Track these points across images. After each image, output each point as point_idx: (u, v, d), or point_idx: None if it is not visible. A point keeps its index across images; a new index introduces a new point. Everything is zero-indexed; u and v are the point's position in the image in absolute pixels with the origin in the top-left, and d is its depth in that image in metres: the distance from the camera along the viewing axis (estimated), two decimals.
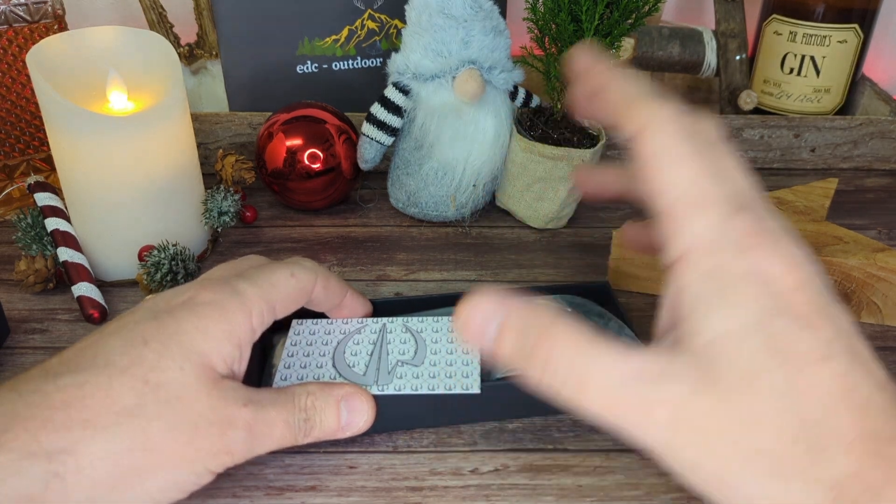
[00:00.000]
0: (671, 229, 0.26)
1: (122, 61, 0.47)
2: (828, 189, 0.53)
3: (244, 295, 0.33)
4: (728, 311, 0.25)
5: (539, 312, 0.26)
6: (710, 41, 0.68)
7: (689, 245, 0.26)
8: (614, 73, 0.29)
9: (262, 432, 0.31)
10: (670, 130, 0.27)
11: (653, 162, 0.27)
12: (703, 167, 0.26)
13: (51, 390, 0.29)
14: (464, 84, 0.50)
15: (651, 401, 0.24)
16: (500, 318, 0.26)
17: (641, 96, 0.28)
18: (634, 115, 0.27)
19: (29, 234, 0.48)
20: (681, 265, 0.26)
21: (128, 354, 0.30)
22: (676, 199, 0.26)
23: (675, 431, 0.24)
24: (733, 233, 0.25)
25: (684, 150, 0.26)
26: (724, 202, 0.25)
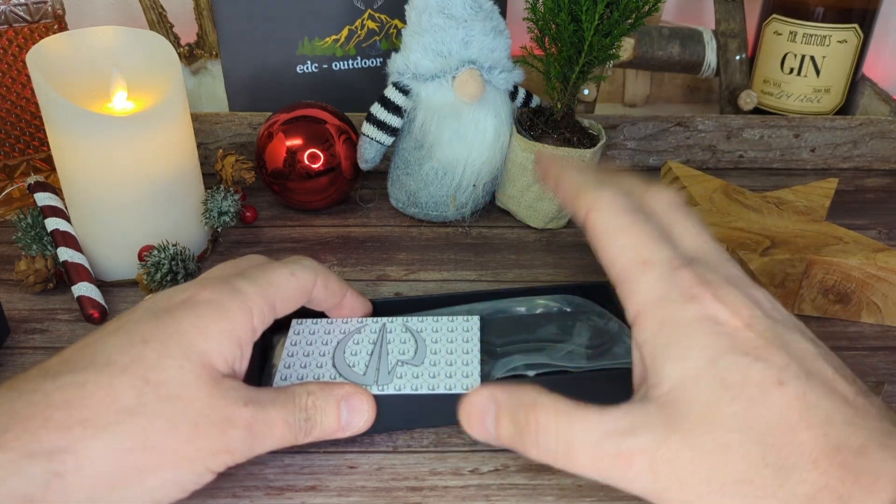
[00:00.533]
0: (625, 293, 0.29)
1: (122, 61, 0.47)
2: (828, 189, 0.53)
3: (244, 294, 0.33)
4: (681, 357, 0.27)
5: (522, 393, 0.28)
6: (710, 41, 0.68)
7: (640, 305, 0.28)
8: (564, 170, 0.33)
9: (263, 432, 0.31)
10: (611, 209, 0.30)
11: (599, 239, 0.30)
12: (643, 234, 0.29)
13: (50, 389, 0.29)
14: (464, 84, 0.50)
15: (628, 452, 0.26)
16: (494, 410, 0.29)
17: (584, 186, 0.31)
18: (581, 202, 0.31)
19: (29, 234, 0.48)
20: (637, 324, 0.28)
21: (128, 353, 0.30)
22: (624, 265, 0.29)
23: (655, 477, 0.26)
24: (677, 287, 0.28)
25: (624, 221, 0.29)
26: (665, 262, 0.28)
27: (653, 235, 0.29)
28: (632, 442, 0.26)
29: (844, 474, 0.24)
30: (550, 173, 0.34)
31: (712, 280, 0.28)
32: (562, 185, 0.33)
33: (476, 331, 0.39)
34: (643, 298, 0.28)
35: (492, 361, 0.38)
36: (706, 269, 0.29)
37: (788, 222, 0.49)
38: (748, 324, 0.27)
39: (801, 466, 0.24)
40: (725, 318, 0.27)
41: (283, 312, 0.35)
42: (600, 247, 0.30)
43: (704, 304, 0.27)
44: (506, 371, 0.38)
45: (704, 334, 0.27)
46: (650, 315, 0.28)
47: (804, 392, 0.25)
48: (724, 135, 0.64)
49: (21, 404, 0.28)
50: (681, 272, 0.28)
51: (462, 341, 0.38)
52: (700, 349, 0.27)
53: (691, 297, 0.27)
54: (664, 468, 0.26)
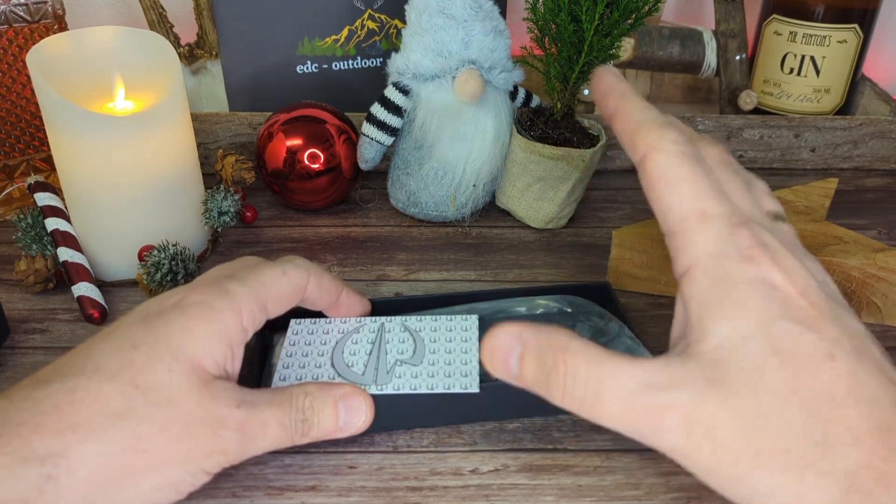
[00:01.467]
0: (678, 245, 0.28)
1: (122, 61, 0.47)
2: (828, 189, 0.53)
3: (234, 294, 0.33)
4: (732, 316, 0.26)
5: (553, 336, 0.27)
6: (710, 41, 0.68)
7: (694, 258, 0.27)
8: (626, 100, 0.31)
9: (256, 433, 0.31)
10: (672, 154, 0.28)
11: (657, 185, 0.28)
12: (703, 187, 0.28)
13: (41, 396, 0.29)
14: (464, 84, 0.50)
15: (661, 407, 0.25)
16: (519, 350, 0.28)
17: (646, 123, 0.30)
18: (640, 142, 0.29)
19: (29, 234, 0.48)
20: (687, 278, 0.27)
21: (117, 359, 0.30)
22: (680, 217, 0.28)
23: (687, 435, 0.25)
24: (735, 245, 0.27)
25: (685, 172, 0.28)
26: (725, 218, 0.27)
27: (713, 189, 0.28)
28: (668, 396, 0.25)
29: (888, 454, 0.24)
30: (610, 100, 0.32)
31: (770, 243, 0.27)
32: (621, 115, 0.31)
33: (475, 330, 0.39)
34: (698, 252, 0.27)
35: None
36: (764, 231, 0.28)
37: None
38: (803, 292, 0.26)
39: (844, 441, 0.24)
40: (781, 283, 0.26)
41: (275, 312, 0.35)
42: (657, 193, 0.29)
43: (761, 266, 0.27)
44: None
45: (759, 297, 0.26)
46: (704, 269, 0.27)
47: (854, 369, 0.25)
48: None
49: (13, 412, 0.29)
50: (740, 230, 0.27)
51: (461, 341, 0.38)
52: (752, 311, 0.26)
53: (749, 258, 0.27)
54: (699, 427, 0.25)
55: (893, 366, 0.26)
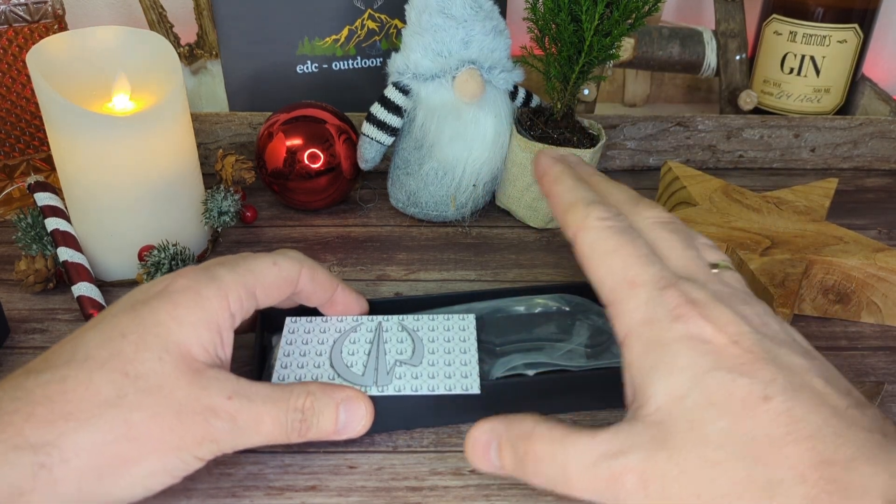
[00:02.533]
0: (613, 315, 0.30)
1: (122, 61, 0.47)
2: (828, 189, 0.53)
3: (221, 280, 0.33)
4: (667, 377, 0.27)
5: (520, 424, 0.29)
6: (710, 41, 0.68)
7: (627, 327, 0.29)
8: (557, 183, 0.33)
9: (248, 426, 0.31)
10: (597, 230, 0.30)
11: (588, 260, 0.31)
12: (631, 254, 0.29)
13: (32, 386, 0.29)
14: (464, 84, 0.50)
15: (619, 472, 0.26)
16: (496, 443, 0.30)
17: (574, 203, 0.32)
18: (569, 221, 0.31)
19: (29, 234, 0.48)
20: (625, 346, 0.29)
21: (106, 348, 0.31)
22: (611, 288, 0.29)
23: (646, 494, 0.26)
24: (663, 307, 0.28)
25: (611, 245, 0.30)
26: (652, 282, 0.29)
27: (640, 255, 0.30)
28: (622, 461, 0.26)
29: (833, 489, 0.24)
30: (545, 181, 0.35)
31: (699, 298, 0.28)
32: (553, 197, 0.33)
33: (472, 329, 0.39)
34: (630, 320, 0.29)
35: (491, 361, 0.38)
36: (693, 287, 0.29)
37: (788, 222, 0.49)
38: (734, 340, 0.27)
39: (788, 481, 0.24)
40: (711, 335, 0.27)
41: (266, 301, 0.36)
42: (589, 268, 0.31)
43: (690, 323, 0.28)
44: (505, 370, 0.38)
45: (689, 352, 0.27)
46: (637, 336, 0.28)
47: (791, 406, 0.25)
48: (724, 135, 0.64)
49: (5, 402, 0.29)
50: (667, 292, 0.28)
51: (459, 340, 0.38)
52: (685, 368, 0.27)
53: (677, 317, 0.28)
54: (654, 485, 0.26)
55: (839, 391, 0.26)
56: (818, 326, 0.46)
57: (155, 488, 0.30)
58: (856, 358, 0.43)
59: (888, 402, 0.40)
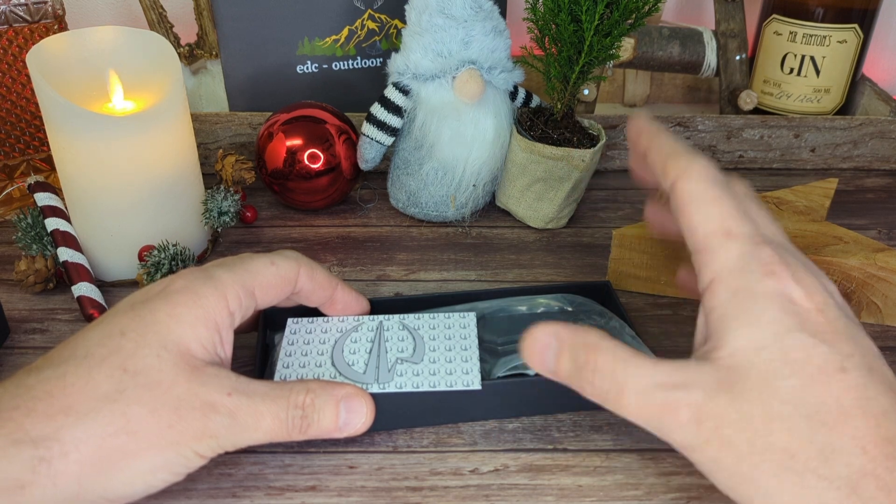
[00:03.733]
0: (702, 261, 0.30)
1: (122, 61, 0.47)
2: (828, 189, 0.53)
3: (219, 280, 0.34)
4: (749, 326, 0.27)
5: (586, 335, 0.29)
6: (710, 41, 0.68)
7: (717, 272, 0.29)
8: (659, 135, 0.34)
9: (248, 422, 0.31)
10: (702, 177, 0.31)
11: (687, 204, 0.31)
12: (730, 207, 0.30)
13: (33, 382, 0.30)
14: (464, 84, 0.50)
15: (675, 404, 0.27)
16: (555, 347, 0.30)
17: (678, 152, 0.32)
18: (672, 167, 0.32)
19: (29, 234, 0.48)
20: (709, 291, 0.29)
21: (105, 345, 0.31)
22: (707, 233, 0.30)
23: (696, 431, 0.26)
24: (758, 261, 0.28)
25: (714, 193, 0.30)
26: (749, 236, 0.29)
27: (740, 211, 0.30)
28: (682, 394, 0.27)
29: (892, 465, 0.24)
30: (643, 137, 0.34)
31: (791, 262, 0.29)
32: (654, 149, 0.33)
33: (473, 327, 0.39)
34: (721, 266, 0.29)
35: (493, 360, 0.38)
36: (786, 251, 0.29)
37: (788, 222, 0.49)
38: (820, 309, 0.28)
39: (848, 449, 0.25)
40: (800, 298, 0.28)
41: (265, 301, 0.36)
42: (685, 213, 0.31)
43: (781, 280, 0.28)
44: (507, 369, 0.38)
45: (776, 309, 0.27)
46: (726, 282, 0.29)
47: (864, 383, 0.26)
48: (724, 135, 0.64)
49: (6, 398, 0.29)
50: (763, 248, 0.29)
51: (460, 338, 0.38)
52: (769, 322, 0.27)
53: (770, 272, 0.28)
54: (708, 423, 0.26)
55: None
56: None
57: (156, 485, 0.30)
58: None
59: None
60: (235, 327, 0.35)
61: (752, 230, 0.30)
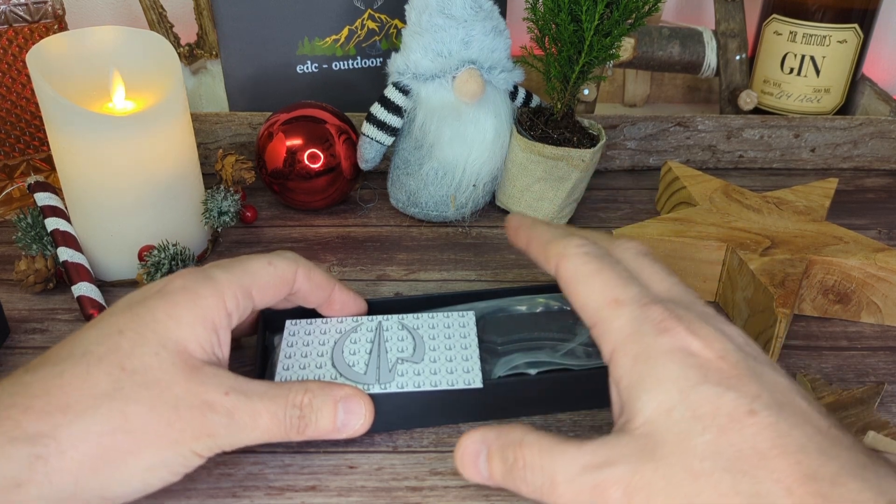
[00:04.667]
0: (598, 335, 0.30)
1: (122, 61, 0.47)
2: (828, 189, 0.53)
3: (217, 280, 0.34)
4: (655, 390, 0.27)
5: (511, 433, 0.29)
6: (710, 41, 0.68)
7: (614, 342, 0.29)
8: (534, 228, 0.35)
9: (246, 421, 0.31)
10: (577, 256, 0.32)
11: (571, 285, 0.31)
12: (611, 277, 0.30)
13: (30, 380, 0.30)
14: (464, 84, 0.50)
15: (604, 483, 0.27)
16: (485, 452, 0.30)
17: (553, 238, 0.33)
18: (551, 254, 0.33)
19: (29, 234, 0.48)
20: (613, 361, 0.29)
21: (104, 344, 0.31)
22: (596, 307, 0.30)
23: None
24: (649, 321, 0.29)
25: (592, 268, 0.31)
26: (635, 299, 0.29)
27: (622, 277, 0.30)
28: (608, 473, 0.27)
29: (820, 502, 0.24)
30: (521, 233, 0.36)
31: (684, 315, 0.29)
32: (533, 241, 0.35)
33: (472, 326, 0.39)
34: (616, 336, 0.29)
35: (493, 360, 0.38)
36: (677, 306, 0.29)
37: (788, 222, 0.49)
38: (721, 356, 0.27)
39: (774, 493, 0.24)
40: (698, 349, 0.28)
41: (263, 301, 0.36)
42: (572, 293, 0.31)
43: (677, 335, 0.28)
44: (507, 370, 0.38)
45: (676, 365, 0.27)
46: (624, 351, 0.29)
47: (776, 421, 0.26)
48: (724, 135, 0.64)
49: (3, 396, 0.29)
50: (652, 307, 0.29)
51: (459, 337, 0.38)
52: (673, 381, 0.27)
53: (664, 330, 0.28)
54: (638, 497, 0.26)
55: (820, 413, 0.27)
56: (818, 326, 0.46)
57: (154, 484, 0.30)
58: (856, 358, 0.43)
59: (888, 402, 0.40)
60: (233, 328, 0.35)
61: (638, 292, 0.30)
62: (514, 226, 0.37)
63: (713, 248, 0.46)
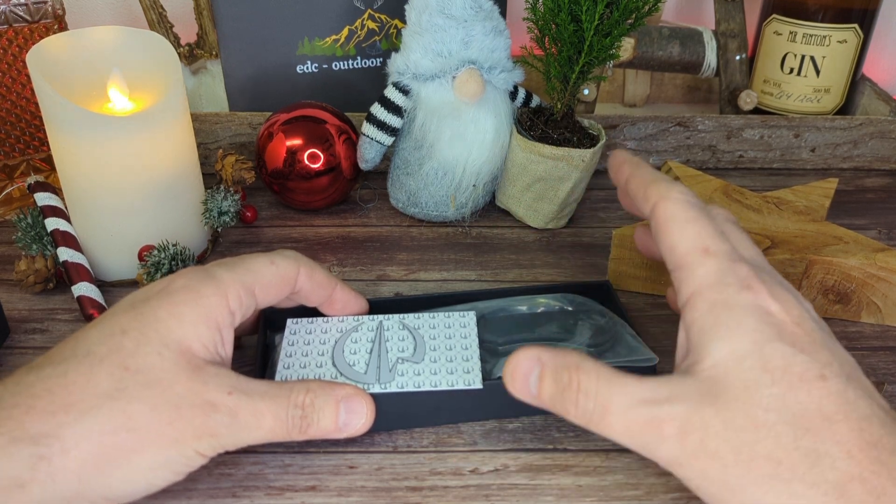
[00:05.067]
0: (681, 277, 0.30)
1: (122, 61, 0.47)
2: (828, 189, 0.53)
3: (219, 279, 0.34)
4: (728, 337, 0.28)
5: (568, 356, 0.30)
6: (710, 41, 0.68)
7: (696, 287, 0.30)
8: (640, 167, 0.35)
9: (248, 421, 0.31)
10: (680, 199, 0.32)
11: (666, 224, 0.31)
12: (708, 227, 0.31)
13: (34, 380, 0.30)
14: (464, 84, 0.50)
15: (660, 419, 0.27)
16: (538, 370, 0.30)
17: (657, 180, 0.33)
18: (652, 192, 0.33)
19: (29, 234, 0.48)
20: (689, 305, 0.30)
21: (106, 344, 0.31)
22: (685, 251, 0.30)
23: (682, 445, 0.27)
24: (735, 276, 0.29)
25: (692, 213, 0.31)
26: (726, 254, 0.30)
27: (716, 231, 0.31)
28: (666, 409, 0.27)
29: (879, 468, 0.24)
30: (624, 168, 0.36)
31: (768, 280, 0.30)
32: (635, 178, 0.34)
33: (473, 326, 0.39)
34: (700, 282, 0.30)
35: (494, 360, 0.38)
36: (761, 271, 0.30)
37: (788, 222, 0.49)
38: (797, 322, 0.28)
39: (833, 454, 0.25)
40: (777, 311, 0.28)
41: (265, 300, 0.36)
42: (665, 233, 0.31)
43: (758, 295, 0.29)
44: None
45: (754, 320, 0.28)
46: (704, 296, 0.29)
47: (844, 389, 0.26)
48: (724, 135, 0.64)
49: (6, 395, 0.29)
50: (740, 265, 0.30)
51: (460, 337, 0.38)
52: (748, 332, 0.28)
53: (747, 287, 0.29)
54: (693, 436, 0.26)
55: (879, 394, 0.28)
56: None
57: (156, 483, 0.30)
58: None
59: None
60: (235, 327, 0.35)
61: (730, 249, 0.30)
62: (618, 161, 0.37)
63: None
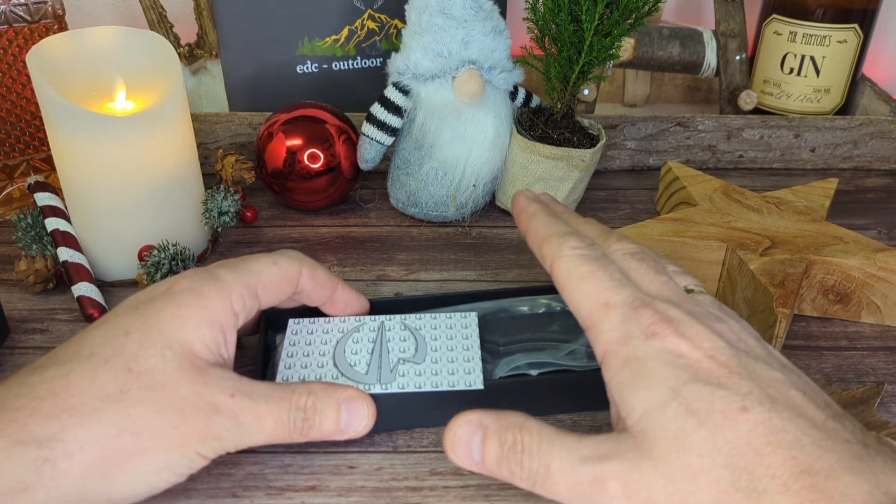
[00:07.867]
0: (591, 337, 0.31)
1: (122, 61, 0.47)
2: (828, 189, 0.53)
3: (222, 280, 0.34)
4: (646, 389, 0.28)
5: (510, 416, 0.29)
6: (710, 41, 0.68)
7: (606, 345, 0.30)
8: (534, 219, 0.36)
9: (251, 424, 0.31)
10: (571, 258, 0.32)
11: (565, 287, 0.32)
12: (604, 279, 0.31)
13: (37, 382, 0.30)
14: (464, 84, 0.50)
15: (603, 476, 0.27)
16: (480, 435, 0.29)
17: (549, 236, 0.34)
18: (546, 253, 0.33)
19: (29, 234, 0.48)
20: (605, 363, 0.30)
21: (110, 345, 0.31)
22: (588, 311, 0.31)
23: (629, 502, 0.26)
24: (638, 324, 0.29)
25: (585, 271, 0.31)
26: (626, 303, 0.30)
27: (613, 279, 0.31)
28: (607, 467, 0.27)
29: (816, 497, 0.24)
30: (522, 218, 0.37)
31: (673, 316, 0.29)
32: (530, 232, 0.36)
33: (474, 327, 0.39)
34: (607, 338, 0.29)
35: (495, 360, 0.38)
36: (667, 306, 0.30)
37: (788, 222, 0.49)
38: (710, 355, 0.28)
39: (771, 490, 0.24)
40: (686, 350, 0.28)
41: (268, 301, 0.36)
42: (566, 294, 0.32)
43: (665, 339, 0.28)
44: (508, 370, 0.38)
45: (666, 366, 0.28)
46: (614, 354, 0.29)
47: (769, 417, 0.26)
48: (724, 135, 0.64)
49: (10, 397, 0.29)
50: (641, 311, 0.29)
51: (461, 338, 0.38)
52: (663, 381, 0.27)
53: (652, 334, 0.29)
54: (638, 493, 0.26)
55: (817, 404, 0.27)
56: (818, 326, 0.46)
57: (159, 485, 0.31)
58: (856, 358, 0.43)
59: (888, 402, 0.40)
60: (238, 328, 0.35)
61: (629, 295, 0.30)
62: (516, 209, 0.37)
63: (713, 249, 0.46)
